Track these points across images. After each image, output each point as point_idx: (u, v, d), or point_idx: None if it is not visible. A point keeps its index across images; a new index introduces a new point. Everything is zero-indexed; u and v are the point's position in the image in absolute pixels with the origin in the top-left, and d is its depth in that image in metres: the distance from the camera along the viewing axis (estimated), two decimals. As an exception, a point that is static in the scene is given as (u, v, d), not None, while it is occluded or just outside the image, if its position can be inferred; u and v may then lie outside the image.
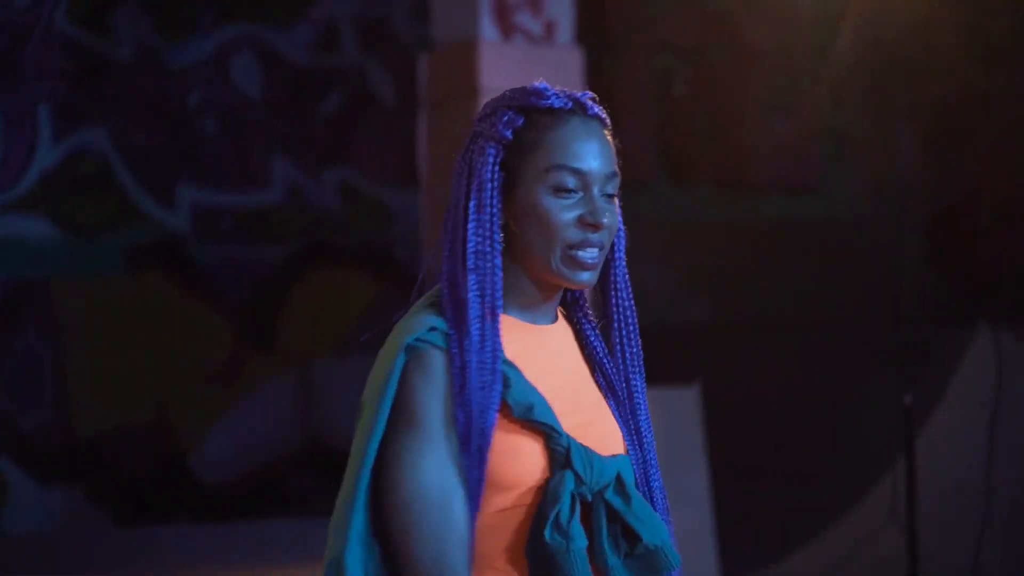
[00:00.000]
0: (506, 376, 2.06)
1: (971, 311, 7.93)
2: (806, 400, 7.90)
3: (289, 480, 8.45)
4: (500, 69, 6.52)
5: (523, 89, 2.14)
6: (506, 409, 2.05)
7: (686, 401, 6.67)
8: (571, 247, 2.09)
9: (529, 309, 2.15)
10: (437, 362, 2.03)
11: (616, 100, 8.96)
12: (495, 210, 2.09)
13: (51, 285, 8.27)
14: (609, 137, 2.15)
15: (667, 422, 6.58)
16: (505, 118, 2.11)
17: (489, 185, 2.09)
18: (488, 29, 6.55)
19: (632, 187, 8.95)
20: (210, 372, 8.54)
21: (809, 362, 8.15)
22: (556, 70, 6.67)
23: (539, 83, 2.15)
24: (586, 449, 2.07)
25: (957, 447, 7.18)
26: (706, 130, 9.39)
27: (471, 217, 2.08)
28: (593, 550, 2.05)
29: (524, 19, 6.64)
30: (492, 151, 2.10)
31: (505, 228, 2.12)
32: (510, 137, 2.10)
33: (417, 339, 2.03)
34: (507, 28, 6.59)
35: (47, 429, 8.19)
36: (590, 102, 2.14)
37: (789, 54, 9.16)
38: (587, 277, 2.13)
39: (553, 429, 2.05)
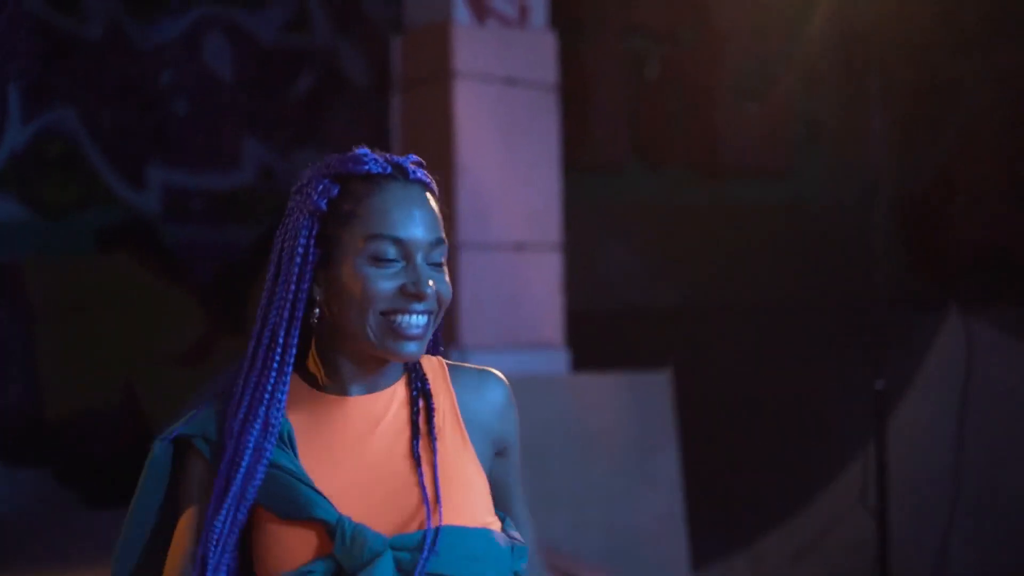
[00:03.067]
0: (272, 471, 1.97)
1: (941, 296, 7.96)
2: (777, 384, 7.93)
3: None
4: (474, 52, 6.51)
5: (341, 156, 2.00)
6: (269, 509, 1.97)
7: (657, 385, 6.67)
8: (386, 313, 1.94)
9: (344, 382, 2.02)
10: (193, 463, 2.02)
11: (589, 83, 8.97)
12: (302, 286, 1.97)
13: (21, 265, 8.23)
14: (433, 202, 2.01)
15: (638, 406, 6.59)
16: (320, 187, 1.97)
17: (299, 260, 1.97)
18: (462, 12, 6.53)
19: (603, 170, 8.93)
20: (180, 353, 8.52)
21: (780, 346, 8.18)
22: (530, 54, 6.66)
23: (359, 148, 2.02)
24: (358, 528, 1.93)
25: (927, 431, 7.22)
26: (678, 114, 9.40)
27: (276, 293, 1.98)
28: None
29: (498, 2, 6.62)
30: (306, 224, 1.97)
31: (321, 305, 1.99)
32: (324, 208, 1.97)
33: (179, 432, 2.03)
34: (481, 11, 6.57)
35: (16, 410, 8.16)
36: (412, 166, 2.00)
37: (762, 39, 9.18)
38: (413, 348, 1.96)
39: (321, 519, 1.94)
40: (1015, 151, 8.90)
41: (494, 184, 6.44)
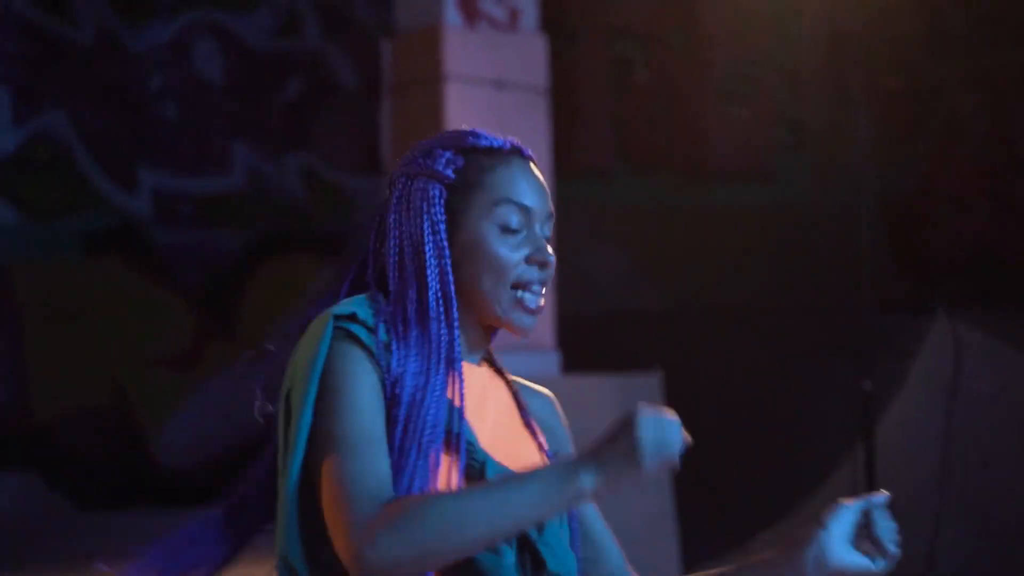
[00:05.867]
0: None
1: (928, 299, 8.00)
2: (766, 386, 7.95)
3: (248, 465, 8.44)
4: (464, 55, 6.53)
5: (457, 132, 2.09)
6: None
7: (647, 386, 6.69)
8: (518, 287, 2.02)
9: (465, 346, 2.07)
10: (363, 335, 1.96)
11: (576, 88, 9.00)
12: (447, 252, 2.02)
13: (10, 269, 8.23)
14: (543, 178, 2.10)
15: (628, 407, 6.61)
16: (444, 158, 2.04)
17: (441, 226, 2.02)
18: (452, 15, 6.55)
19: (591, 174, 8.93)
20: (170, 357, 8.51)
21: (768, 349, 8.21)
22: (520, 56, 6.69)
23: (471, 128, 2.11)
24: (502, 467, 1.99)
25: (915, 433, 7.25)
26: (665, 117, 9.43)
27: (432, 261, 2.01)
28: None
29: (488, 5, 6.64)
30: (436, 191, 2.03)
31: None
32: (452, 177, 2.04)
33: (341, 316, 1.97)
34: (471, 14, 6.60)
35: (5, 413, 8.15)
36: (523, 146, 2.09)
37: (748, 43, 9.21)
38: (530, 322, 2.04)
39: (470, 443, 1.97)
40: (999, 155, 8.95)
41: (485, 187, 6.46)
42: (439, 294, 2.03)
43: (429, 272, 2.02)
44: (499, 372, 2.16)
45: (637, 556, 2.07)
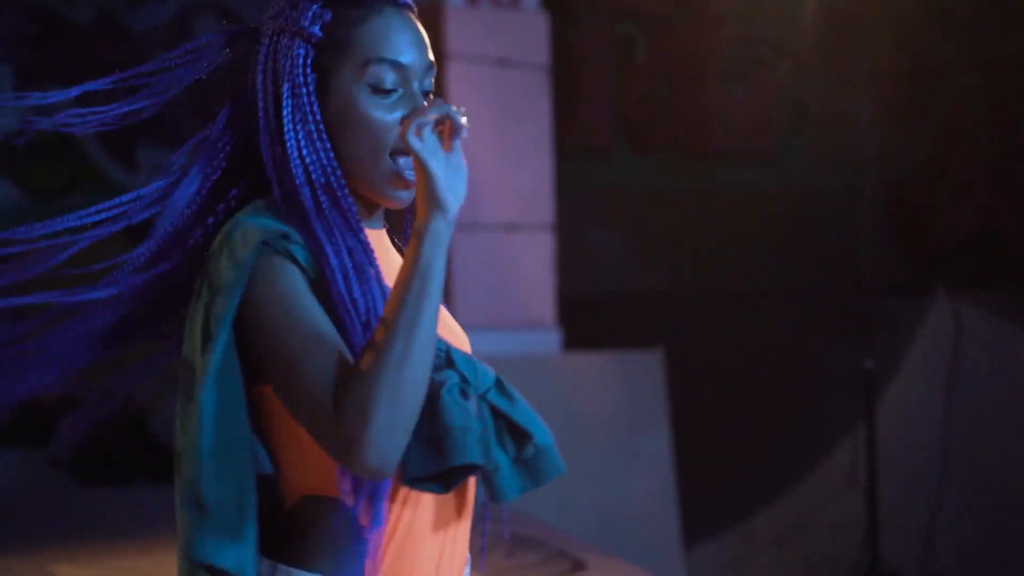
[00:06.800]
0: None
1: (929, 279, 8.01)
2: (767, 365, 7.97)
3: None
4: (466, 33, 6.53)
5: None
6: None
7: (649, 364, 6.70)
8: (396, 153, 1.87)
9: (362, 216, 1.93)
10: (297, 264, 1.81)
11: (577, 67, 8.99)
12: (317, 116, 1.88)
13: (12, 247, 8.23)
14: (421, 27, 1.93)
15: (630, 384, 6.63)
16: (311, 12, 1.88)
17: (304, 89, 1.88)
18: (454, -7, 6.56)
19: (592, 153, 8.93)
20: (171, 333, 8.51)
21: (770, 329, 8.22)
22: (522, 35, 6.69)
23: None
24: (463, 352, 1.90)
25: (915, 412, 7.26)
26: (667, 98, 9.42)
27: (289, 128, 1.87)
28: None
29: (490, -17, 6.65)
30: (301, 51, 1.88)
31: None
32: (319, 34, 1.88)
33: (268, 241, 1.81)
34: (473, -8, 6.61)
35: (7, 391, 8.15)
36: None
37: (750, 23, 9.20)
38: (406, 197, 1.90)
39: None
40: (1001, 136, 8.94)
41: (486, 165, 6.47)
42: (318, 165, 1.87)
43: (290, 139, 1.88)
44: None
45: (638, 533, 2.07)
